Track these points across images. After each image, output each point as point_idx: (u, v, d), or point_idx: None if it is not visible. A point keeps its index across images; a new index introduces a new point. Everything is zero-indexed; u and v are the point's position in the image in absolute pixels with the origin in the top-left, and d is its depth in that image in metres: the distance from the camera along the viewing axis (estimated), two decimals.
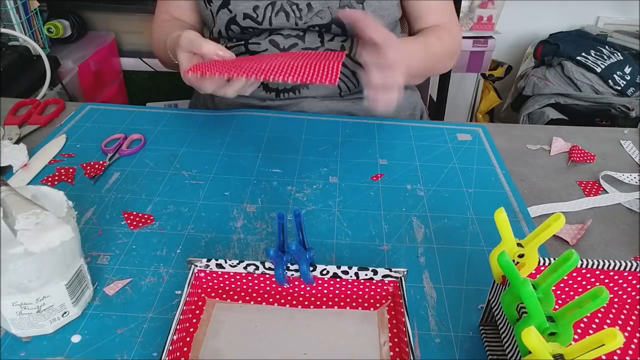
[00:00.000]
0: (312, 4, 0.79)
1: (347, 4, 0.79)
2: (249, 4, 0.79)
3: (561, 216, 0.39)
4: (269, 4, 0.79)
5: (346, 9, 0.76)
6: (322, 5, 0.79)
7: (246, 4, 0.79)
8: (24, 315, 0.42)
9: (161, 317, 0.47)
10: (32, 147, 0.71)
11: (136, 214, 0.59)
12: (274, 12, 0.79)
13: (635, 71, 1.76)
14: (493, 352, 0.44)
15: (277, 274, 0.46)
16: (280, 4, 0.79)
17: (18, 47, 1.34)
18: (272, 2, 0.79)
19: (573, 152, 0.74)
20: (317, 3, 0.79)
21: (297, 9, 0.79)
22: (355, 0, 0.79)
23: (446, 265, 0.54)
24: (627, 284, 0.46)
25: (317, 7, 0.79)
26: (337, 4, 0.79)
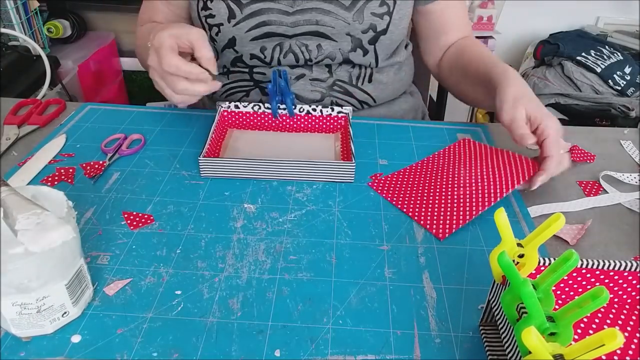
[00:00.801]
0: (323, 45, 0.77)
1: (359, 45, 0.77)
2: (255, 44, 0.77)
3: (561, 216, 0.39)
4: (276, 45, 0.77)
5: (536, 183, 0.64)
6: (333, 47, 0.77)
7: (253, 44, 0.77)
8: (24, 315, 0.42)
9: (161, 317, 0.47)
10: (31, 147, 0.71)
11: (136, 214, 0.59)
12: (282, 53, 0.77)
13: (635, 71, 1.76)
14: (493, 352, 0.44)
15: (272, 106, 0.75)
16: (288, 45, 0.77)
17: (18, 47, 1.35)
18: (280, 43, 0.77)
19: (573, 152, 0.74)
20: (327, 44, 0.77)
21: (307, 50, 0.77)
22: (368, 42, 0.78)
23: (446, 265, 0.54)
24: (627, 284, 0.46)
25: (327, 48, 0.77)
26: (348, 45, 0.77)
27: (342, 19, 0.75)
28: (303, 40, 0.77)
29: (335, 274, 0.52)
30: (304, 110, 0.76)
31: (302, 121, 0.76)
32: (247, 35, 0.75)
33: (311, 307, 0.48)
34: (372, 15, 0.75)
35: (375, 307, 0.49)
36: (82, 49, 1.69)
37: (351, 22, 0.75)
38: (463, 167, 0.67)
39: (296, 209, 0.61)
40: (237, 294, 0.49)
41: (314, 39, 0.76)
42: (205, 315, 0.47)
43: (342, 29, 0.75)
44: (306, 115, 0.76)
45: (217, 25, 0.76)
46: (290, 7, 0.75)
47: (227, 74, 0.84)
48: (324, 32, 0.76)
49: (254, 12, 0.74)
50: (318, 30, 0.76)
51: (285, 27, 0.75)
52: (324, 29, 0.75)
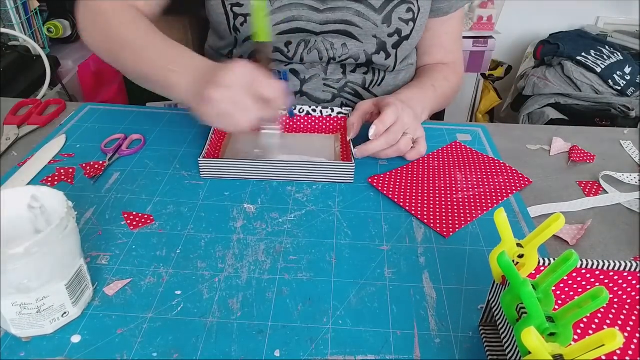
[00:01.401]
0: (348, 44, 0.77)
1: (383, 48, 0.78)
2: (281, 38, 0.76)
3: (561, 216, 0.38)
4: (301, 40, 0.76)
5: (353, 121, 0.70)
6: (358, 47, 0.77)
7: (279, 38, 0.76)
8: (23, 315, 0.42)
9: (161, 317, 0.47)
10: (31, 147, 0.71)
11: (136, 214, 0.59)
12: (307, 49, 0.77)
13: (635, 71, 1.76)
14: (493, 352, 0.44)
15: None
16: (314, 41, 0.76)
17: (18, 47, 1.34)
18: (305, 39, 0.76)
19: (573, 152, 0.74)
20: (352, 44, 0.77)
21: (332, 47, 0.77)
22: (392, 46, 0.78)
23: (446, 266, 0.54)
24: (627, 284, 0.46)
25: (352, 48, 0.77)
26: (373, 47, 0.77)
27: (372, 21, 0.75)
28: (329, 38, 0.76)
29: (335, 274, 0.52)
30: (303, 111, 0.76)
31: (302, 122, 0.76)
32: (275, 29, 0.74)
33: (311, 307, 0.48)
34: (399, 20, 0.76)
35: (375, 307, 0.49)
36: (82, 49, 1.69)
37: (379, 25, 0.75)
38: (460, 171, 0.68)
39: (296, 209, 0.61)
40: (237, 294, 0.49)
41: (341, 38, 0.76)
42: (205, 315, 0.47)
43: (369, 31, 0.76)
44: (306, 116, 0.76)
45: (244, 15, 0.74)
46: (321, 4, 0.74)
47: None
48: (352, 32, 0.76)
49: (284, 6, 0.73)
50: (346, 30, 0.76)
51: (314, 24, 0.75)
52: (352, 28, 0.76)
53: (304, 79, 0.81)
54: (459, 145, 0.74)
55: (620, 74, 1.75)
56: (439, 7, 0.82)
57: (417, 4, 0.77)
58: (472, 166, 0.69)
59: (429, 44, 0.88)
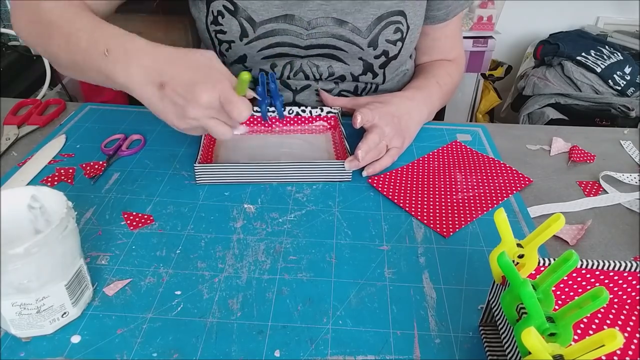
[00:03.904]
0: (334, 66, 0.77)
1: (369, 69, 0.78)
2: (266, 62, 0.76)
3: (561, 216, 0.38)
4: (287, 63, 0.76)
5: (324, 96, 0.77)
6: (344, 69, 0.77)
7: (264, 62, 0.76)
8: (23, 315, 0.42)
9: (161, 318, 0.47)
10: (31, 147, 0.71)
11: (136, 214, 0.59)
12: (293, 71, 0.77)
13: (635, 71, 1.75)
14: (493, 352, 0.44)
15: (262, 110, 0.73)
16: (299, 64, 0.77)
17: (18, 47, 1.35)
18: (291, 62, 0.76)
19: (573, 152, 0.74)
20: (338, 66, 0.77)
21: (317, 71, 0.77)
22: (379, 66, 0.78)
23: (446, 266, 0.54)
24: (627, 284, 0.46)
25: (338, 70, 0.77)
26: (359, 69, 0.77)
27: (357, 44, 0.74)
28: (315, 61, 0.77)
29: (335, 274, 0.52)
30: (293, 112, 0.75)
31: (292, 123, 0.76)
32: (259, 54, 0.75)
33: (311, 307, 0.48)
34: (386, 42, 0.75)
35: (375, 307, 0.49)
36: None
37: (365, 48, 0.75)
38: (459, 171, 0.68)
39: (296, 209, 0.61)
40: (236, 294, 0.49)
41: (326, 60, 0.77)
42: (205, 315, 0.47)
43: (355, 54, 0.76)
44: (296, 117, 0.76)
45: (228, 42, 0.75)
46: (305, 29, 0.73)
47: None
48: (337, 55, 0.76)
49: (268, 32, 0.73)
50: (331, 53, 0.76)
51: (299, 49, 0.75)
52: (337, 52, 0.75)
53: (296, 90, 0.80)
54: (459, 145, 0.74)
55: (620, 74, 1.75)
56: (435, 15, 0.81)
57: (407, 23, 0.76)
58: (472, 166, 0.69)
59: (429, 46, 0.87)
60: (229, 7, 0.72)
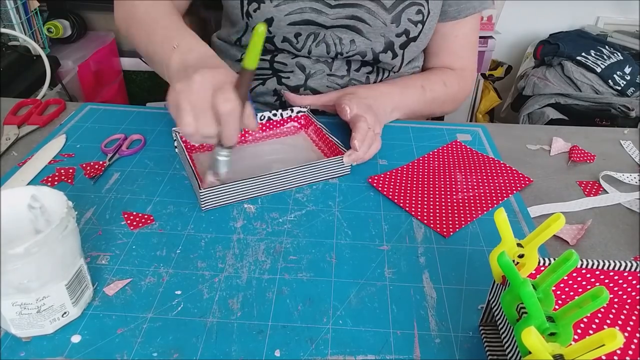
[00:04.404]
0: (356, 41, 0.77)
1: (390, 47, 0.78)
2: (291, 29, 0.76)
3: (561, 216, 0.38)
4: (311, 33, 0.77)
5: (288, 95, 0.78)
6: (365, 45, 0.78)
7: (289, 28, 0.76)
8: (23, 315, 0.42)
9: (161, 317, 0.47)
10: (31, 147, 0.71)
11: (136, 214, 0.59)
12: (316, 41, 0.78)
13: (635, 71, 1.75)
14: (493, 352, 0.44)
15: None
16: (323, 35, 0.77)
17: (18, 47, 1.35)
18: (316, 32, 0.77)
19: (573, 152, 0.74)
20: (360, 41, 0.77)
21: (340, 43, 0.78)
22: (399, 46, 0.79)
23: (446, 265, 0.54)
24: (627, 284, 0.46)
25: (360, 45, 0.78)
26: (381, 46, 0.78)
27: (381, 20, 0.76)
28: (338, 33, 0.77)
29: (335, 274, 0.52)
30: (265, 117, 0.74)
31: (264, 129, 0.75)
32: (286, 18, 0.75)
33: (311, 307, 0.48)
34: (408, 21, 0.77)
35: (375, 307, 0.49)
36: (82, 49, 1.69)
37: (388, 24, 0.76)
38: (459, 171, 0.68)
39: (296, 209, 0.61)
40: (237, 294, 0.49)
41: (349, 34, 0.77)
42: (205, 315, 0.47)
43: (378, 29, 0.76)
44: (267, 122, 0.74)
45: (258, 1, 0.75)
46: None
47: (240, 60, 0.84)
48: (360, 29, 0.77)
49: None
50: (355, 26, 0.76)
51: (325, 17, 0.75)
52: (361, 25, 0.76)
53: (309, 74, 0.81)
54: (459, 145, 0.74)
55: (620, 74, 1.75)
56: (447, 10, 0.82)
57: (428, 7, 0.77)
58: (472, 166, 0.69)
59: (438, 46, 0.87)
60: None
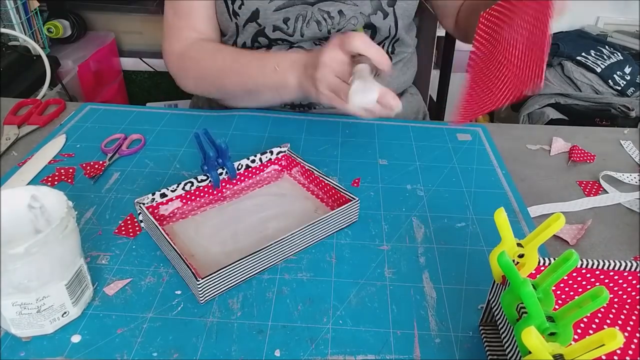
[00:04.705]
0: (344, 10, 0.77)
1: (379, 7, 0.78)
2: (278, 15, 0.77)
3: (561, 216, 0.38)
4: (299, 14, 0.77)
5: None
6: (353, 11, 0.77)
7: (276, 15, 0.77)
8: (23, 315, 0.42)
9: (161, 317, 0.47)
10: (31, 147, 0.71)
11: (127, 221, 0.58)
12: (305, 22, 0.77)
13: (635, 71, 1.75)
14: (493, 352, 0.44)
15: (213, 176, 0.60)
16: (311, 13, 0.77)
17: (18, 47, 1.35)
18: (303, 13, 0.77)
19: (573, 152, 0.74)
20: (348, 9, 0.77)
21: (329, 16, 0.77)
22: (387, 4, 0.78)
23: (446, 265, 0.54)
24: (627, 284, 0.46)
25: (349, 13, 0.77)
26: (368, 9, 0.78)
27: None
28: (324, 7, 0.77)
29: (335, 273, 0.52)
30: (242, 166, 0.63)
31: (242, 179, 0.64)
32: (271, 5, 0.76)
33: (311, 307, 0.48)
34: None
35: (375, 307, 0.49)
36: (82, 49, 1.69)
37: None
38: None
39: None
40: (237, 293, 0.49)
41: (335, 5, 0.77)
42: (205, 315, 0.47)
43: None
44: (246, 170, 0.63)
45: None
46: None
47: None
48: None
49: None
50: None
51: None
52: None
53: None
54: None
55: (620, 74, 1.75)
56: None
57: None
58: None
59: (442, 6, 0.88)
60: None
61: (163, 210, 0.58)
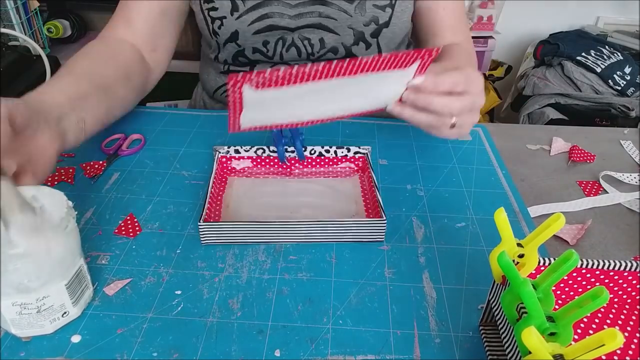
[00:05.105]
0: (325, 38, 0.76)
1: (361, 38, 0.77)
2: (258, 38, 0.76)
3: (561, 216, 0.38)
4: (279, 38, 0.76)
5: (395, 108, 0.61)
6: (335, 41, 0.76)
7: (255, 38, 0.76)
8: (23, 315, 0.42)
9: (161, 317, 0.47)
10: None
11: (125, 222, 0.58)
12: (285, 47, 0.77)
13: (635, 71, 1.76)
14: (493, 352, 0.44)
15: (279, 151, 0.65)
16: (291, 39, 0.76)
17: (18, 47, 1.34)
18: (282, 37, 0.76)
19: (573, 152, 0.74)
20: (330, 38, 0.76)
21: (309, 44, 0.77)
22: (371, 35, 0.77)
23: (446, 266, 0.54)
24: (627, 284, 0.46)
25: (330, 42, 0.77)
26: (350, 39, 0.76)
27: (345, 11, 0.74)
28: (305, 33, 0.76)
29: (335, 274, 0.52)
30: (315, 152, 0.66)
31: (313, 165, 0.67)
32: (250, 28, 0.75)
33: (311, 307, 0.48)
34: (374, 8, 0.75)
35: (375, 307, 0.49)
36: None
37: (353, 15, 0.75)
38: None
39: None
40: (237, 294, 0.49)
41: (317, 32, 0.76)
42: (205, 315, 0.47)
43: (344, 22, 0.75)
44: (318, 157, 0.67)
45: (220, 18, 0.75)
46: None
47: (226, 72, 0.84)
48: (327, 25, 0.76)
49: (257, 5, 0.74)
50: (321, 23, 0.75)
51: (288, 19, 0.75)
52: (326, 21, 0.75)
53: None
54: None
55: (620, 74, 1.75)
56: None
57: None
58: None
59: (432, 25, 0.82)
60: None
61: (235, 164, 0.66)
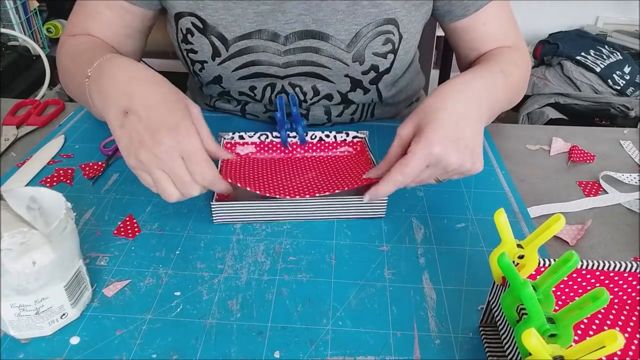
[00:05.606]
0: (318, 86, 0.70)
1: (359, 85, 0.71)
2: (244, 83, 0.70)
3: (561, 217, 0.38)
4: (267, 84, 0.70)
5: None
6: (330, 88, 0.70)
7: (241, 83, 0.70)
8: (22, 317, 0.42)
9: (160, 319, 0.47)
10: (30, 147, 0.71)
11: (130, 223, 0.58)
12: (274, 92, 0.71)
13: (634, 71, 1.76)
14: (493, 353, 0.44)
15: (282, 136, 0.67)
16: (281, 86, 0.70)
17: (18, 47, 1.35)
18: (271, 83, 0.70)
19: (573, 152, 0.74)
20: (323, 86, 0.70)
21: (301, 91, 0.70)
22: (370, 82, 0.70)
23: (446, 266, 0.53)
24: (627, 284, 0.46)
25: (324, 90, 0.70)
26: (347, 87, 0.70)
27: (340, 60, 0.67)
28: (296, 81, 0.70)
29: (335, 275, 0.52)
30: (316, 137, 0.69)
31: (314, 149, 0.70)
32: (234, 74, 0.69)
33: (311, 308, 0.48)
34: (374, 56, 0.67)
35: (375, 308, 0.48)
36: None
37: (350, 64, 0.67)
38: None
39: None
40: (236, 295, 0.49)
41: (309, 80, 0.70)
42: (205, 316, 0.47)
43: (340, 71, 0.68)
44: (319, 142, 0.70)
45: (201, 62, 0.69)
46: (282, 45, 0.66)
47: (213, 106, 0.81)
48: (320, 74, 0.69)
49: (241, 50, 0.67)
50: (313, 72, 0.68)
51: (276, 67, 0.68)
52: (320, 70, 0.68)
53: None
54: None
55: (619, 73, 1.75)
56: (450, 10, 0.69)
57: (399, 32, 0.67)
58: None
59: (473, 41, 0.72)
60: (198, 24, 0.66)
61: (239, 149, 0.68)
